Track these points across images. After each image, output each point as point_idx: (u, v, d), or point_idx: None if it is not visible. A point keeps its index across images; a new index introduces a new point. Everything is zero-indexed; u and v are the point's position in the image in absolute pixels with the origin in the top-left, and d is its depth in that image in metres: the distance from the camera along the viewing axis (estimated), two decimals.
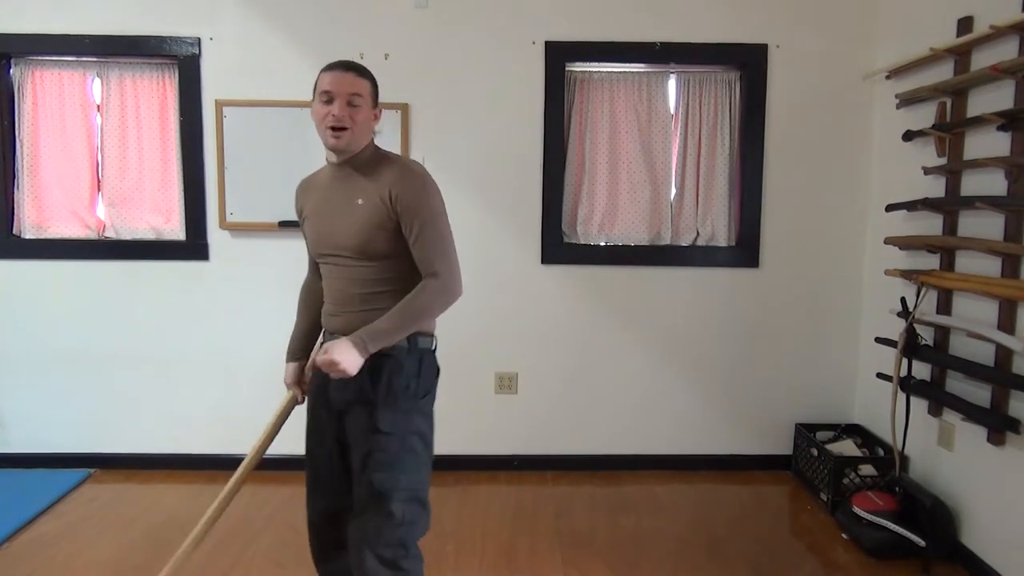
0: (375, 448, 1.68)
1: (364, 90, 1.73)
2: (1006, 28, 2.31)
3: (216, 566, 2.54)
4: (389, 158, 1.79)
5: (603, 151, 3.35)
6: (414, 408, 1.74)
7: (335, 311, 1.79)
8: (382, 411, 1.69)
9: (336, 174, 1.79)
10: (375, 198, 1.70)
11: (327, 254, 1.80)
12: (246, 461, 2.01)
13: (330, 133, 1.71)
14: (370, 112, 1.75)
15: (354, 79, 1.72)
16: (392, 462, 1.68)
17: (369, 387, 1.69)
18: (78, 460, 3.35)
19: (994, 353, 2.44)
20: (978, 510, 2.54)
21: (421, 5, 3.21)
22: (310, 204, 1.86)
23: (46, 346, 3.32)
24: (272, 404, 3.38)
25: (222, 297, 3.32)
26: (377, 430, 1.68)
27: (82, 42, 3.17)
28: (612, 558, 2.63)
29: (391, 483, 1.67)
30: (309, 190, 1.90)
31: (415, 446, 1.73)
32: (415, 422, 1.74)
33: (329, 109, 1.70)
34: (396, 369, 1.71)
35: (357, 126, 1.71)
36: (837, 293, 3.39)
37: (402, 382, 1.71)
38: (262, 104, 3.20)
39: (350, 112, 1.70)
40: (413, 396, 1.74)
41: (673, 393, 3.43)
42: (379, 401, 1.69)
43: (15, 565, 2.54)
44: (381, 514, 1.67)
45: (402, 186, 1.69)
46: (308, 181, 1.94)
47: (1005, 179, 2.41)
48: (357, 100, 1.71)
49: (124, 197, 3.32)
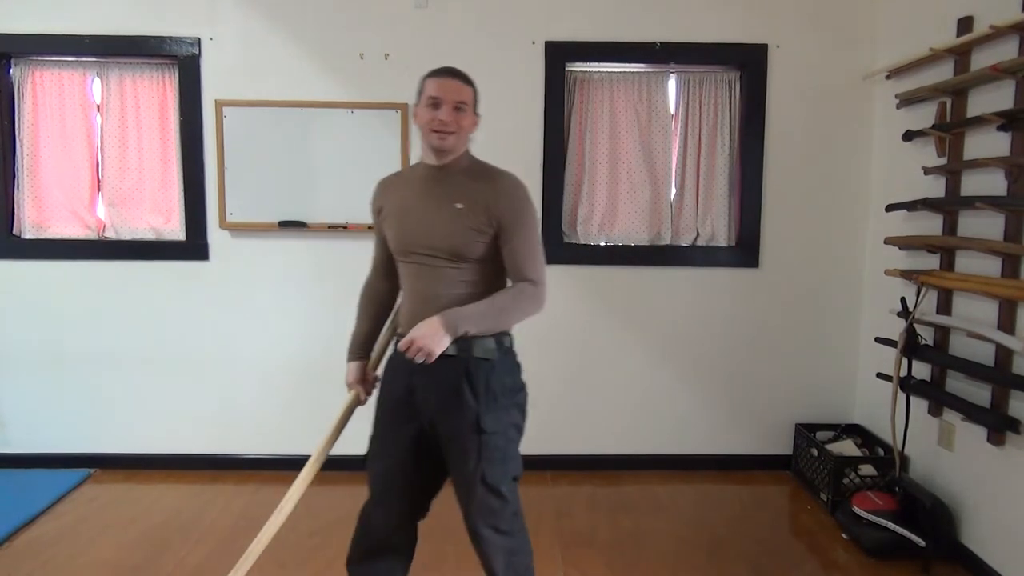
0: (484, 447, 1.77)
1: (468, 97, 1.81)
2: (1006, 28, 2.31)
3: (216, 566, 2.54)
4: (489, 169, 1.86)
5: (603, 151, 3.35)
6: (511, 404, 1.83)
7: (416, 311, 1.81)
8: (485, 414, 1.77)
9: (432, 176, 1.84)
10: (477, 205, 1.76)
11: (414, 253, 1.82)
12: (310, 463, 2.02)
13: (435, 136, 1.77)
14: (472, 118, 1.84)
15: (460, 86, 1.80)
16: (501, 457, 1.79)
17: (468, 392, 1.77)
18: (78, 460, 3.35)
19: (994, 353, 2.44)
20: (978, 510, 2.54)
21: (421, 5, 3.21)
22: (393, 202, 1.89)
23: (46, 346, 3.32)
24: (272, 404, 3.40)
25: (222, 297, 3.32)
26: (482, 431, 1.76)
27: (82, 42, 3.17)
28: (612, 558, 2.63)
29: (501, 475, 1.80)
30: (391, 188, 1.94)
31: (514, 437, 1.85)
32: (513, 416, 1.84)
33: (436, 114, 1.77)
34: (491, 371, 1.79)
35: (462, 131, 1.80)
36: (837, 293, 3.39)
37: (498, 382, 1.80)
38: (262, 104, 3.21)
39: (456, 117, 1.77)
40: (510, 392, 1.83)
41: (673, 393, 3.43)
42: (481, 405, 1.77)
43: (15, 565, 2.54)
44: (497, 499, 1.80)
45: (508, 199, 1.78)
46: (390, 180, 1.98)
47: (1005, 179, 2.41)
48: (462, 106, 1.79)
49: (124, 197, 3.32)
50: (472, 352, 1.76)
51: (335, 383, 3.36)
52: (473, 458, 1.77)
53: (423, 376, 1.79)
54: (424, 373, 1.77)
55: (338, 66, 3.23)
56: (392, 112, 3.21)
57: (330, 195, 3.25)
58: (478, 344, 1.77)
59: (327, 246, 3.30)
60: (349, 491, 3.20)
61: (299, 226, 3.26)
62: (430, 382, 1.79)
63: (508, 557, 1.83)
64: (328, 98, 3.22)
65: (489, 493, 1.79)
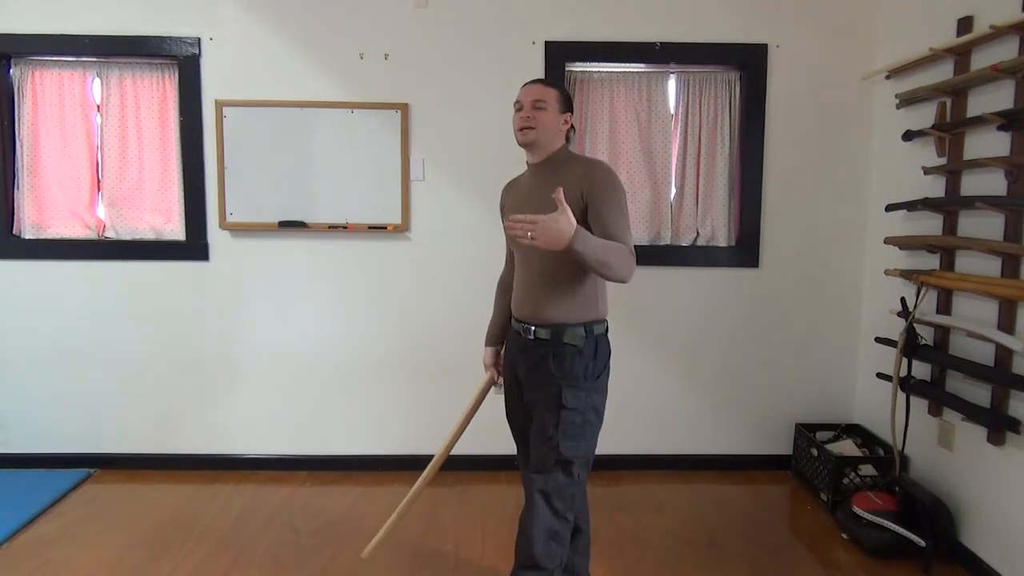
0: (562, 421, 1.91)
1: (548, 96, 1.99)
2: (1006, 28, 2.31)
3: (216, 566, 2.54)
4: (581, 158, 2.03)
5: (603, 151, 3.35)
6: (593, 387, 1.97)
7: (523, 296, 2.03)
8: (567, 390, 1.92)
9: (535, 173, 2.05)
10: (570, 191, 1.88)
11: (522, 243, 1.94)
12: (447, 441, 2.27)
13: (519, 133, 2.00)
14: (557, 116, 2.00)
15: (540, 88, 2.01)
16: (577, 433, 1.93)
17: (555, 369, 1.93)
18: (78, 460, 3.36)
19: (994, 353, 2.44)
20: (978, 510, 2.54)
21: (421, 5, 3.21)
22: (511, 200, 2.13)
23: (46, 346, 3.32)
24: (272, 404, 3.40)
25: (222, 297, 3.33)
26: (563, 406, 1.91)
27: (82, 42, 3.17)
28: (612, 558, 2.63)
29: (574, 451, 1.93)
30: (511, 188, 2.19)
31: (592, 419, 1.98)
32: (593, 399, 1.97)
33: (519, 115, 2.00)
34: (576, 355, 1.94)
35: (540, 125, 1.97)
36: (837, 293, 3.39)
37: (582, 365, 1.94)
38: (262, 104, 3.21)
39: (534, 114, 1.97)
40: (592, 376, 1.96)
41: (673, 393, 3.43)
42: (564, 382, 1.93)
43: (15, 565, 2.54)
44: (565, 474, 1.93)
45: (593, 177, 1.91)
46: (512, 182, 2.21)
47: (1005, 179, 2.41)
48: (541, 104, 1.98)
49: (124, 197, 3.32)
50: (562, 338, 1.94)
51: (336, 382, 3.38)
52: (551, 428, 1.92)
53: (523, 354, 2.02)
54: (524, 351, 2.01)
55: (338, 66, 3.23)
56: (392, 112, 3.22)
57: (330, 195, 3.25)
58: (569, 331, 1.94)
59: (327, 246, 3.30)
60: (349, 491, 3.21)
61: (299, 226, 3.26)
62: (528, 358, 2.00)
63: (548, 540, 1.92)
64: (328, 98, 3.22)
65: (559, 464, 1.91)
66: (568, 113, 2.03)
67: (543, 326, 1.96)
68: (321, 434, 3.41)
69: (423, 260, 3.32)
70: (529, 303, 2.00)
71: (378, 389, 3.37)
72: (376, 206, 3.26)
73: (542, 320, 1.97)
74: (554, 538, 1.92)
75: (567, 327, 1.94)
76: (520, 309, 2.05)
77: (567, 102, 2.03)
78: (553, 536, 1.92)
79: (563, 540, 1.94)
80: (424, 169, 3.26)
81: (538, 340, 1.97)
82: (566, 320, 1.95)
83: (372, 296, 3.33)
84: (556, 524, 1.92)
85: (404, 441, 3.41)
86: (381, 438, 3.40)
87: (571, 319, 1.95)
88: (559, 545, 1.93)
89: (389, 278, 3.32)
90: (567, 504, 1.94)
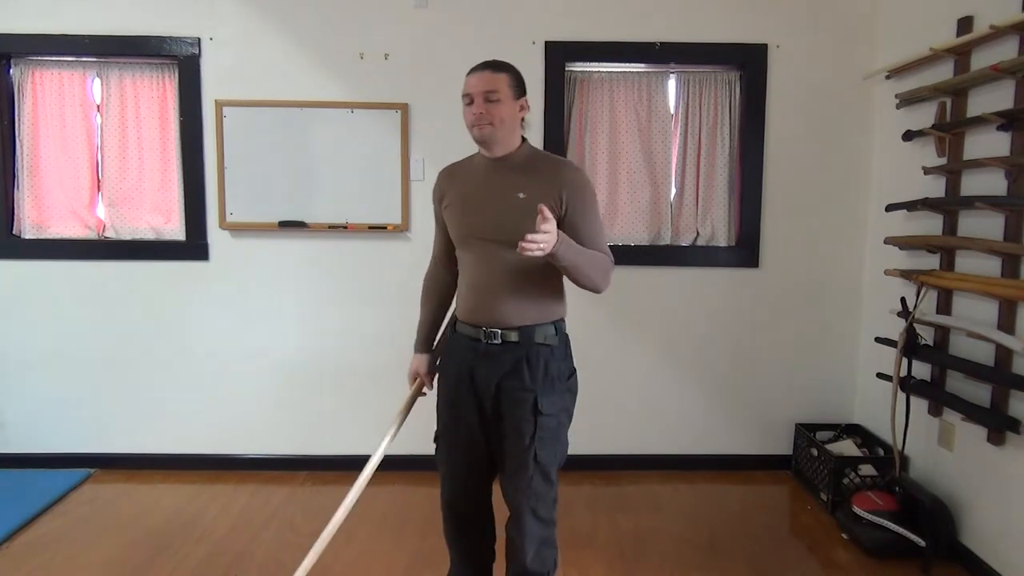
0: (539, 428, 1.84)
1: (500, 84, 1.81)
2: (1006, 28, 2.31)
3: (216, 566, 2.54)
4: (549, 157, 1.94)
5: (603, 151, 3.35)
6: (565, 387, 1.91)
7: (480, 299, 1.88)
8: (543, 396, 1.85)
9: (492, 167, 1.89)
10: (541, 193, 1.79)
11: (477, 238, 1.87)
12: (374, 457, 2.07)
13: (475, 130, 1.83)
14: (512, 105, 1.83)
15: (490, 76, 1.81)
16: (553, 439, 1.87)
17: (528, 375, 1.84)
18: (78, 460, 3.35)
19: (994, 353, 2.44)
20: (978, 510, 2.54)
21: (421, 5, 3.21)
22: (456, 191, 1.94)
23: (46, 346, 3.32)
24: (272, 404, 3.40)
25: (222, 297, 3.32)
26: (540, 412, 1.84)
27: (82, 42, 3.17)
28: (612, 558, 2.63)
29: (552, 456, 1.88)
30: (455, 177, 1.98)
31: (565, 421, 1.93)
32: (565, 401, 1.92)
33: (470, 110, 1.83)
34: (550, 356, 1.87)
35: (496, 119, 1.80)
36: (837, 293, 3.39)
37: (556, 367, 1.88)
38: (262, 104, 3.21)
39: (488, 108, 1.80)
40: (566, 377, 1.91)
41: (673, 393, 3.43)
42: (540, 387, 1.85)
43: (15, 565, 2.54)
44: (545, 481, 1.88)
45: (572, 183, 1.83)
46: (452, 169, 2.02)
47: (1005, 179, 2.41)
48: (493, 95, 1.80)
49: (124, 197, 3.32)
50: (534, 338, 1.85)
51: (335, 383, 3.38)
52: (528, 438, 1.84)
53: (485, 360, 1.87)
54: (486, 357, 1.87)
55: (338, 66, 3.23)
56: (392, 112, 3.22)
57: (330, 195, 3.25)
58: (539, 330, 1.86)
59: (327, 246, 3.30)
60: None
61: (299, 226, 3.26)
62: (492, 365, 1.86)
63: (539, 547, 1.90)
64: (328, 98, 3.22)
65: (539, 473, 1.86)
66: (523, 98, 1.87)
67: (511, 328, 1.85)
68: (321, 434, 3.41)
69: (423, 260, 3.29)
70: (489, 306, 1.86)
71: (378, 389, 3.37)
72: (376, 206, 3.26)
73: (508, 323, 1.84)
74: (544, 543, 1.91)
75: (536, 327, 1.86)
76: (475, 313, 1.89)
77: (520, 85, 1.86)
78: (543, 542, 1.91)
79: (552, 542, 1.94)
80: (424, 169, 3.26)
81: (506, 344, 1.85)
82: (536, 320, 1.86)
83: (372, 296, 3.33)
84: (544, 531, 1.90)
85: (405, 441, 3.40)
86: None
87: (540, 319, 1.87)
88: (550, 548, 1.93)
89: (389, 278, 3.32)
90: (550, 509, 1.91)
